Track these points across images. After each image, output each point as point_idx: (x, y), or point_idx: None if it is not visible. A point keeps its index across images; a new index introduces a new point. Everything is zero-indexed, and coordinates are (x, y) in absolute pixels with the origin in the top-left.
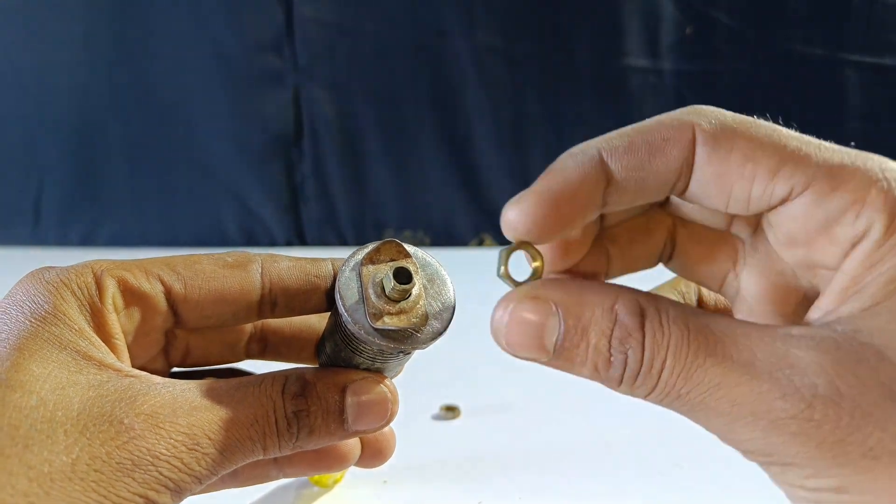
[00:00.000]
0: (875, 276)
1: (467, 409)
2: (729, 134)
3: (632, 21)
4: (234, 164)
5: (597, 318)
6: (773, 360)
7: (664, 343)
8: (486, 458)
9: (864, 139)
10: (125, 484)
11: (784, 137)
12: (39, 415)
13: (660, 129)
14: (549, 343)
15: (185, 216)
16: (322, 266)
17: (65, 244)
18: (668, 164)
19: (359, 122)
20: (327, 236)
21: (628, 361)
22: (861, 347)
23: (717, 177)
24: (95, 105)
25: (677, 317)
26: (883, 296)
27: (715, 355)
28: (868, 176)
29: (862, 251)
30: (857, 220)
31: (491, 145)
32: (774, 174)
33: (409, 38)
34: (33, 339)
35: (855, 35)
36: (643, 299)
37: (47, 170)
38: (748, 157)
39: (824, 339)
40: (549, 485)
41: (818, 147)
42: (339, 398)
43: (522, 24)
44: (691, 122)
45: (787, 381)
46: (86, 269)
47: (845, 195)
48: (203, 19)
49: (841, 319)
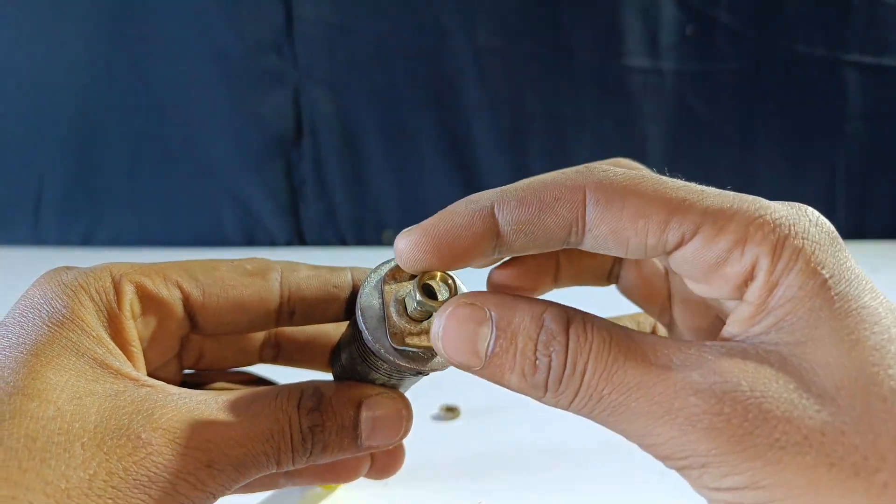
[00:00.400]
0: (776, 299)
1: (467, 410)
2: (619, 193)
3: (632, 21)
4: (234, 163)
5: (525, 324)
6: (689, 362)
7: (586, 347)
8: (486, 458)
9: (864, 139)
10: (141, 501)
11: (670, 190)
12: (56, 426)
13: (552, 188)
14: (482, 349)
15: (184, 216)
16: (341, 276)
17: (65, 244)
18: (558, 222)
19: (359, 122)
20: (327, 236)
21: (552, 365)
22: (767, 354)
23: (613, 233)
24: (95, 105)
25: (601, 326)
26: (785, 312)
27: (634, 358)
28: (747, 216)
29: (758, 282)
30: (744, 257)
31: (491, 145)
32: (666, 225)
33: (409, 38)
34: (50, 345)
35: (855, 35)
36: (571, 311)
37: (47, 169)
38: (640, 213)
39: (733, 347)
40: (549, 485)
41: (702, 195)
42: (353, 413)
43: (522, 24)
44: (582, 183)
45: (699, 378)
46: (104, 273)
47: (729, 236)
48: (203, 19)
49: (749, 338)
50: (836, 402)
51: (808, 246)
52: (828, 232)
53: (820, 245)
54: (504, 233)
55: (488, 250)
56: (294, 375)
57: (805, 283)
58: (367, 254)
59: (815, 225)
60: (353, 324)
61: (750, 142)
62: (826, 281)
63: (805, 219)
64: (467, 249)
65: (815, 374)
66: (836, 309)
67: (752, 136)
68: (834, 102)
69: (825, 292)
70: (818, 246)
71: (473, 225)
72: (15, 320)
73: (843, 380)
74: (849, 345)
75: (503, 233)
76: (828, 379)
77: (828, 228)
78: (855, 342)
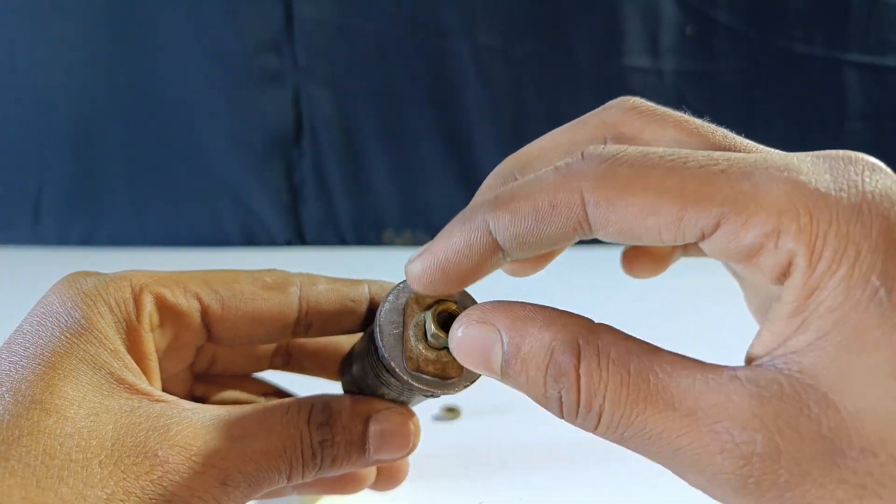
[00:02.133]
0: (815, 304)
1: (468, 410)
2: (621, 191)
3: (632, 21)
4: (233, 163)
5: (535, 351)
6: (715, 412)
7: (601, 387)
8: (486, 458)
9: (864, 139)
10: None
11: (684, 174)
12: (74, 443)
13: (546, 192)
14: (496, 365)
15: (184, 216)
16: (359, 290)
17: (65, 244)
18: (559, 229)
19: (359, 122)
20: (327, 236)
21: (563, 400)
22: (805, 392)
23: (622, 232)
24: (95, 105)
25: (618, 358)
26: (827, 327)
27: (656, 403)
28: (778, 202)
29: (795, 281)
30: (778, 250)
31: (491, 145)
32: (680, 221)
33: (409, 38)
34: (67, 357)
35: (855, 35)
36: (584, 336)
37: (47, 169)
38: (647, 211)
39: (769, 383)
40: (549, 485)
41: (723, 175)
42: (362, 428)
43: (522, 24)
44: (578, 185)
45: (727, 434)
46: (124, 283)
47: (757, 228)
48: (203, 19)
49: (787, 356)
50: (878, 457)
51: (858, 243)
52: (889, 213)
53: (874, 240)
54: (506, 248)
55: (496, 264)
56: (303, 382)
57: (851, 292)
58: (367, 254)
59: (870, 204)
60: (369, 339)
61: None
62: (878, 290)
63: (859, 194)
64: (474, 271)
65: (859, 422)
66: (891, 328)
67: (752, 136)
68: (834, 102)
69: (878, 307)
70: (872, 242)
71: (472, 249)
72: (32, 328)
73: (889, 428)
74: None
75: (505, 248)
76: (873, 427)
77: (891, 205)
78: None
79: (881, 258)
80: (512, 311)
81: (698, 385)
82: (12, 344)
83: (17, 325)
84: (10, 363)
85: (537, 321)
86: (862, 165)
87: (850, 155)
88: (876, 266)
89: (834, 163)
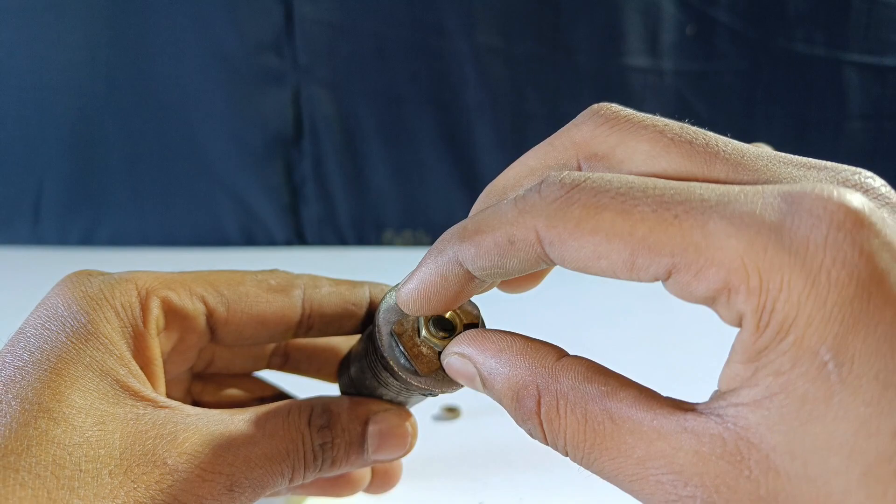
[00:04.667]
0: (765, 362)
1: (468, 410)
2: (573, 231)
3: (632, 21)
4: (233, 163)
5: (504, 391)
6: (662, 464)
7: (560, 432)
8: (486, 458)
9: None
10: None
11: (633, 221)
12: (83, 453)
13: (505, 229)
14: (480, 389)
15: (184, 216)
16: (360, 292)
17: (65, 244)
18: (521, 262)
19: (359, 122)
20: (327, 236)
21: (534, 434)
22: (748, 452)
23: (581, 269)
24: (95, 105)
25: (575, 404)
26: (775, 389)
27: (609, 449)
28: (729, 259)
29: (745, 337)
30: (730, 304)
31: (491, 145)
32: (631, 266)
33: (409, 38)
34: (73, 363)
35: (855, 35)
36: (544, 381)
37: (47, 169)
38: (598, 253)
39: (713, 439)
40: (549, 485)
41: (674, 224)
42: (361, 429)
43: (522, 24)
44: (532, 224)
45: (671, 486)
46: (129, 286)
47: (708, 283)
48: (203, 19)
49: (738, 407)
50: None
51: (810, 313)
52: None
53: (829, 310)
54: (478, 277)
55: (475, 289)
56: (300, 381)
57: (799, 361)
58: (367, 254)
59: (832, 268)
60: (367, 339)
61: (750, 141)
62: (826, 364)
63: (818, 259)
64: (455, 297)
65: (797, 489)
66: (837, 404)
67: (752, 136)
68: (834, 102)
69: (824, 381)
70: (826, 312)
71: (446, 280)
72: (37, 331)
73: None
74: (843, 456)
75: (478, 277)
76: (811, 497)
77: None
78: (850, 454)
79: (834, 331)
80: (484, 345)
81: (650, 434)
82: (16, 347)
83: (20, 327)
84: (14, 368)
85: (505, 357)
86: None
87: (824, 203)
88: (826, 339)
89: (803, 215)
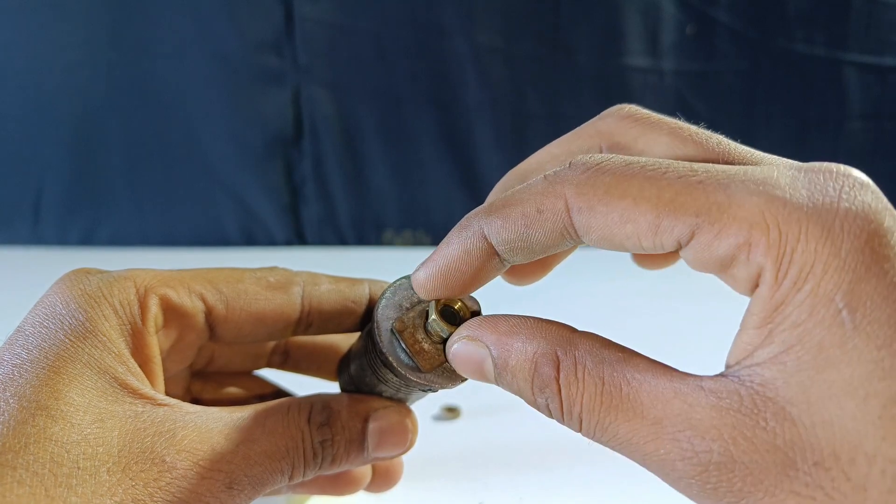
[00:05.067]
0: (781, 318)
1: (468, 410)
2: (602, 197)
3: (632, 21)
4: (233, 163)
5: (520, 363)
6: (679, 421)
7: (578, 397)
8: (486, 458)
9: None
10: None
11: (662, 183)
12: (81, 451)
13: (534, 199)
14: (490, 375)
15: (184, 216)
16: (359, 290)
17: (64, 244)
18: (547, 234)
19: (359, 122)
20: (327, 236)
21: (550, 406)
22: (764, 404)
23: (604, 238)
24: (95, 105)
25: (594, 368)
26: (791, 341)
27: (625, 412)
28: (750, 215)
29: (762, 294)
30: (749, 262)
31: (491, 145)
32: (656, 228)
33: (409, 38)
34: (72, 361)
35: (855, 35)
36: (563, 347)
37: (47, 169)
38: (625, 217)
39: (730, 395)
40: (549, 485)
41: (699, 186)
42: (361, 426)
43: (522, 24)
44: (562, 192)
45: (687, 443)
46: (128, 284)
47: (730, 240)
48: (203, 19)
49: (752, 367)
50: (829, 472)
51: (826, 261)
52: (861, 232)
53: (843, 259)
54: (501, 253)
55: (495, 270)
56: (300, 380)
57: (815, 309)
58: (367, 254)
59: (843, 221)
60: (366, 336)
61: (750, 142)
62: (841, 311)
63: (832, 212)
64: (474, 276)
65: (814, 436)
66: (851, 349)
67: (752, 136)
68: (834, 102)
69: (839, 327)
70: (840, 261)
71: (469, 255)
72: (35, 330)
73: (843, 444)
74: (858, 399)
75: (500, 253)
76: (828, 442)
77: (865, 224)
78: (865, 396)
79: (847, 278)
80: (497, 326)
81: (666, 394)
82: (14, 345)
83: (18, 325)
84: (12, 366)
85: (521, 334)
86: (842, 181)
87: (832, 169)
88: (841, 286)
89: (814, 176)
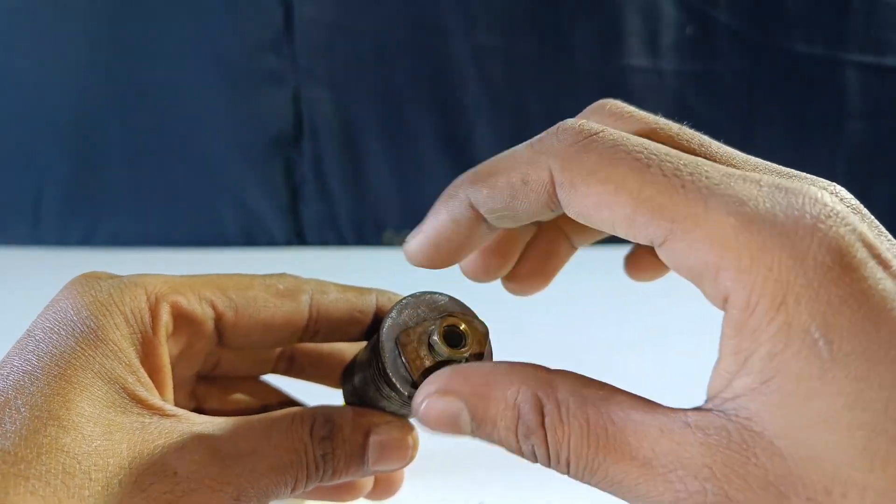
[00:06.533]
0: (756, 346)
1: None
2: (584, 177)
3: (632, 21)
4: (233, 163)
5: (501, 412)
6: (669, 460)
7: (565, 441)
8: (486, 458)
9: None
10: None
11: (644, 181)
12: (92, 462)
13: (519, 168)
14: (466, 428)
15: (184, 216)
16: (366, 299)
17: (64, 244)
18: (531, 205)
19: (359, 122)
20: (327, 236)
21: (536, 453)
22: (752, 439)
23: (582, 216)
24: (95, 105)
25: (577, 409)
26: (770, 373)
27: (614, 452)
28: (722, 233)
29: (733, 317)
30: (717, 283)
31: (491, 145)
32: (630, 223)
33: (409, 38)
34: (83, 370)
35: (855, 35)
36: (543, 391)
37: (46, 169)
38: (604, 203)
39: (717, 431)
40: (549, 485)
41: (679, 192)
42: (363, 440)
43: (522, 24)
44: (547, 164)
45: (679, 483)
46: (139, 291)
47: (699, 255)
48: (203, 19)
49: (735, 399)
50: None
51: (797, 292)
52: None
53: (816, 290)
54: (489, 220)
55: (482, 237)
56: (305, 386)
57: (790, 341)
58: (367, 254)
59: (818, 250)
60: (371, 350)
61: (750, 142)
62: (817, 342)
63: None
64: (462, 244)
65: (804, 470)
66: (831, 380)
67: (752, 136)
68: (834, 102)
69: (817, 358)
70: (814, 291)
71: (457, 223)
72: (45, 335)
73: (833, 478)
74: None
75: (488, 219)
76: (817, 477)
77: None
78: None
79: (822, 310)
80: (470, 377)
81: (652, 433)
82: (24, 350)
83: (28, 329)
84: (23, 372)
85: (498, 383)
86: (819, 209)
87: (813, 195)
88: (816, 318)
89: (794, 200)
